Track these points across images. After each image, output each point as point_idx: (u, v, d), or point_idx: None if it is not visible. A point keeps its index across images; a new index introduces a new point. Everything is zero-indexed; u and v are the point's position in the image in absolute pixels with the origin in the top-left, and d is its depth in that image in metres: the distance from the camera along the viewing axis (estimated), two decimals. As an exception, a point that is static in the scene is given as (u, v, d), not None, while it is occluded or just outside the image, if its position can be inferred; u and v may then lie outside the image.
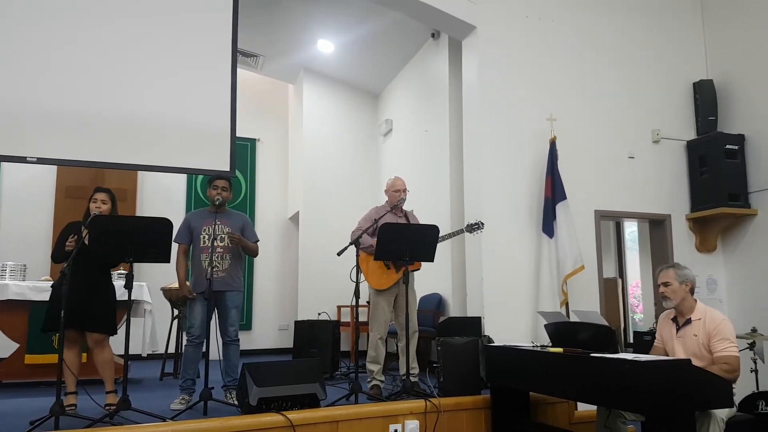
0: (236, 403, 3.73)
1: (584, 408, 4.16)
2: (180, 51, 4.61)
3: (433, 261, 4.13)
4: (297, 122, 8.67)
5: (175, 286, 4.88)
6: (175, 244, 3.83)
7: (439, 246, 4.13)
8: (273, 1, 6.74)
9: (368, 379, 4.29)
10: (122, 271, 5.15)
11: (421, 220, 4.61)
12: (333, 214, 7.94)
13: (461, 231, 4.76)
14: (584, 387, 2.94)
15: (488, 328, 4.87)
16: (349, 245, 4.22)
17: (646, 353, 3.26)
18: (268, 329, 8.52)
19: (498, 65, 5.41)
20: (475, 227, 4.68)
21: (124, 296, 3.47)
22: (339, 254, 4.28)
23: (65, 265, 3.26)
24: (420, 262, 4.28)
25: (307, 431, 3.31)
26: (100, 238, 3.41)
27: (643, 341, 5.14)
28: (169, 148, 4.52)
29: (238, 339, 4.18)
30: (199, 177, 8.10)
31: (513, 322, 5.00)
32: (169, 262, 3.58)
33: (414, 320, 4.31)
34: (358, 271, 4.09)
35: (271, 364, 3.61)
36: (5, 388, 4.85)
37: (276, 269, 8.72)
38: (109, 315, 3.77)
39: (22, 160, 4.15)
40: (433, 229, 4.08)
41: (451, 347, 4.11)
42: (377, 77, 8.28)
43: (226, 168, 4.60)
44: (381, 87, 8.51)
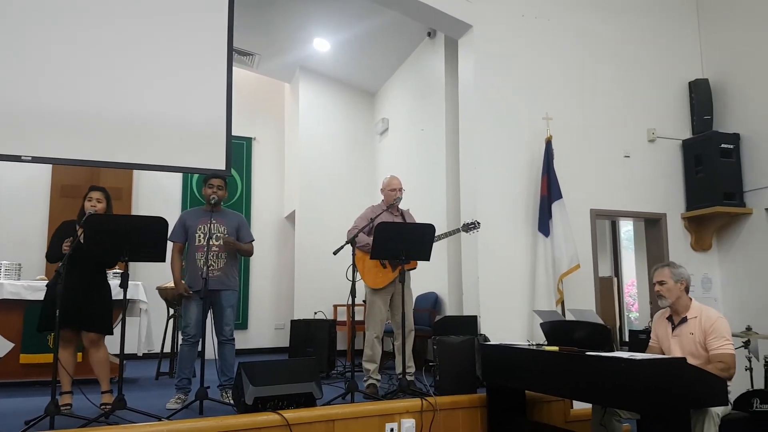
0: (232, 402, 3.73)
1: (580, 406, 4.18)
2: (176, 51, 4.61)
3: (429, 260, 4.13)
4: (293, 121, 8.66)
5: (171, 285, 4.86)
6: (169, 243, 3.82)
7: (435, 245, 4.13)
8: (269, -1, 6.74)
9: (364, 378, 4.29)
10: (117, 270, 5.13)
11: (418, 219, 4.61)
12: (329, 213, 7.93)
13: (457, 230, 4.76)
14: (580, 385, 2.95)
15: (484, 327, 4.88)
16: (345, 244, 4.22)
17: (642, 352, 3.27)
18: (264, 328, 8.52)
19: (494, 64, 5.42)
20: (471, 226, 4.68)
21: (120, 295, 3.46)
22: (335, 253, 4.27)
23: (60, 264, 3.25)
24: (416, 261, 4.28)
25: (303, 430, 3.31)
26: (95, 237, 3.40)
27: (639, 340, 5.15)
28: (165, 147, 4.53)
29: (233, 338, 4.18)
30: (194, 176, 8.07)
31: (509, 321, 5.01)
32: (164, 261, 3.57)
33: (410, 319, 4.31)
34: (354, 270, 4.09)
35: (267, 363, 3.61)
36: (0, 388, 4.83)
37: (272, 268, 8.71)
38: (104, 314, 3.76)
39: (17, 159, 4.14)
40: (430, 228, 4.07)
41: (447, 346, 4.12)
42: (373, 76, 8.27)
43: (222, 167, 4.61)
44: (377, 86, 8.50)
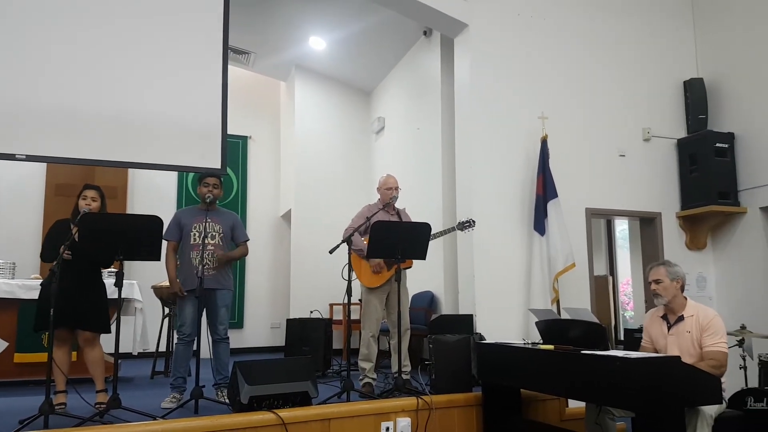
0: (227, 401, 3.72)
1: (575, 405, 4.18)
2: (171, 49, 4.59)
3: (425, 259, 4.13)
4: (289, 120, 8.65)
5: (166, 284, 4.84)
6: (164, 242, 3.80)
7: (431, 244, 4.13)
8: (264, -2, 6.73)
9: (360, 377, 4.29)
10: (113, 269, 5.11)
11: (413, 218, 4.61)
12: (325, 212, 7.91)
13: (452, 229, 4.76)
14: (575, 384, 2.95)
15: (480, 326, 4.88)
16: (341, 243, 4.22)
17: (637, 351, 3.28)
18: (259, 327, 8.51)
19: (490, 63, 5.42)
20: (466, 225, 4.68)
21: (115, 294, 3.45)
22: (331, 252, 4.27)
23: (55, 263, 3.23)
24: (412, 260, 4.28)
25: (298, 429, 3.31)
26: (89, 236, 3.38)
27: (634, 338, 5.17)
28: (161, 145, 4.50)
29: (227, 337, 4.17)
30: (190, 174, 8.05)
31: (504, 320, 5.02)
32: (159, 259, 3.55)
33: (406, 318, 4.31)
34: (350, 269, 4.09)
35: (262, 362, 3.60)
36: (-6, 387, 4.82)
37: (268, 267, 8.70)
38: (100, 313, 3.75)
39: (11, 157, 4.12)
40: (426, 227, 4.07)
41: (443, 345, 4.12)
42: (369, 75, 8.26)
43: (218, 165, 4.59)
44: (373, 84, 8.49)
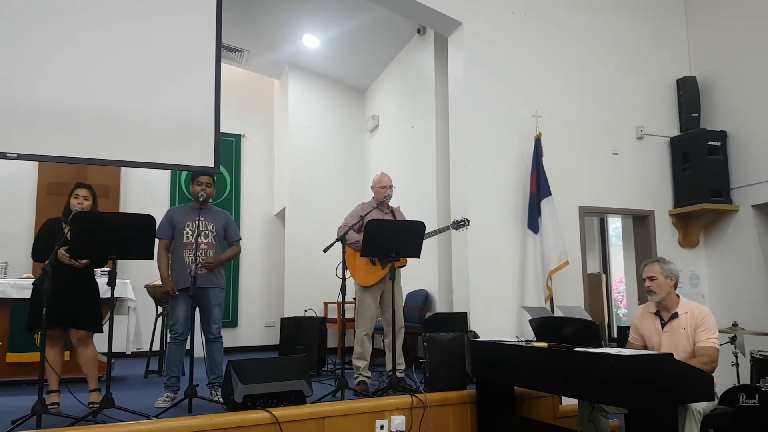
0: (221, 400, 3.71)
1: (568, 402, 4.20)
2: (164, 47, 4.56)
3: (419, 257, 4.13)
4: (282, 118, 8.63)
5: (159, 283, 4.82)
6: (156, 240, 3.78)
7: (425, 242, 4.13)
8: (258, -5, 6.71)
9: (354, 376, 4.29)
10: (105, 268, 5.09)
11: (408, 217, 4.60)
12: (319, 210, 7.90)
13: (447, 228, 4.77)
14: (568, 381, 2.97)
15: (474, 324, 4.89)
16: (335, 242, 4.21)
17: (630, 348, 3.29)
18: (254, 326, 8.49)
19: (484, 61, 5.42)
20: (460, 224, 4.69)
21: (108, 293, 3.44)
22: (325, 251, 4.26)
23: (47, 262, 3.21)
24: (406, 258, 4.28)
25: (293, 428, 3.31)
26: (82, 234, 3.37)
27: (627, 336, 5.15)
28: (153, 144, 4.48)
29: (221, 336, 4.16)
30: (183, 173, 8.01)
31: (498, 318, 5.03)
32: (152, 258, 3.54)
33: (400, 316, 4.32)
34: (345, 268, 4.08)
35: (256, 361, 3.59)
36: (-14, 387, 4.79)
37: (262, 266, 8.68)
38: (93, 312, 3.73)
39: (2, 156, 4.08)
40: (420, 226, 4.07)
41: (437, 343, 4.12)
42: (363, 73, 8.25)
43: (211, 164, 4.57)
44: (367, 83, 8.48)
